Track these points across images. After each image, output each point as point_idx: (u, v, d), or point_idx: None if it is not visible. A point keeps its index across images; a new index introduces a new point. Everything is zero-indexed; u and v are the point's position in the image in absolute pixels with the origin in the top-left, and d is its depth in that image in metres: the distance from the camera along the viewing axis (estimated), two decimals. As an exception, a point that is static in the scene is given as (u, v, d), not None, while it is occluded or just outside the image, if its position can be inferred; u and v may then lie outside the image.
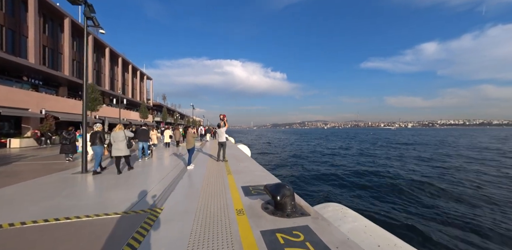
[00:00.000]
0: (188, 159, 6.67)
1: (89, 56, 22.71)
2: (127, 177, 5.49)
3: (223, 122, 7.89)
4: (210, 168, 6.62)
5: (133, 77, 40.33)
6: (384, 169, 14.02)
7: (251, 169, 6.44)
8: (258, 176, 5.54)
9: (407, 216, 6.74)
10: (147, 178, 5.44)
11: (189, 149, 6.67)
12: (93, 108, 15.82)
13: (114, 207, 3.36)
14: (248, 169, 6.51)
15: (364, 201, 8.21)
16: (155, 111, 49.32)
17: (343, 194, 9.14)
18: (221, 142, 7.76)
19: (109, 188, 4.50)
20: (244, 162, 7.84)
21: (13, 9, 17.24)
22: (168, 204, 3.52)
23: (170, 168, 6.69)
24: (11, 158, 9.05)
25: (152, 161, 8.19)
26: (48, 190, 4.33)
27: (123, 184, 4.84)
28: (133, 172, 6.17)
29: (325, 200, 7.67)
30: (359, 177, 11.97)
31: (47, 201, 3.67)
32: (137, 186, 4.64)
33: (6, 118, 16.56)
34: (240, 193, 4.06)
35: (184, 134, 6.23)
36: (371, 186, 10.09)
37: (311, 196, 8.88)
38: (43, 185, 4.69)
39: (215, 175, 5.68)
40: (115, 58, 33.60)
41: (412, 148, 27.91)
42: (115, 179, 5.27)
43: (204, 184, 4.76)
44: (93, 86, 16.12)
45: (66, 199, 3.78)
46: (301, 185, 10.48)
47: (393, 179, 11.23)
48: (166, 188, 4.44)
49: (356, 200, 8.30)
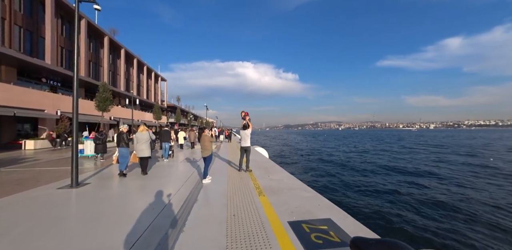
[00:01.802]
0: (204, 170, 5.14)
1: (81, 42, 22.43)
2: (120, 202, 4.07)
3: (245, 122, 6.27)
4: (232, 183, 5.04)
5: (148, 78, 40.57)
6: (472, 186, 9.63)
7: (289, 185, 4.76)
8: (306, 199, 3.85)
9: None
10: (148, 200, 3.98)
11: (205, 157, 5.14)
12: (104, 109, 15.09)
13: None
14: (284, 184, 4.84)
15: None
16: (169, 112, 49.50)
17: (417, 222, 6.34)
18: (244, 147, 6.18)
19: (84, 222, 3.06)
20: (274, 173, 6.19)
21: (31, 10, 17.25)
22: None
23: (181, 180, 5.22)
24: (14, 162, 8.21)
25: (165, 168, 6.84)
26: (9, 218, 2.99)
27: (108, 214, 3.38)
28: (134, 188, 4.77)
29: (391, 229, 5.61)
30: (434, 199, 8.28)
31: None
32: (129, 218, 3.15)
33: (24, 119, 16.49)
34: (292, 240, 2.41)
35: (199, 137, 4.64)
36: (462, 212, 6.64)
37: (371, 217, 6.69)
38: (6, 207, 3.38)
39: (241, 195, 4.09)
40: (130, 59, 33.79)
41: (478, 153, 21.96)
42: (104, 201, 3.87)
43: (228, 215, 3.14)
44: (104, 85, 15.42)
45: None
46: (350, 203, 7.78)
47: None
48: (169, 225, 2.87)
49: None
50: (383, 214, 6.51)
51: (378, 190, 9.41)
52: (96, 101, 15.28)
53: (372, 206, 7.23)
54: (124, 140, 5.70)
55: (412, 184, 10.27)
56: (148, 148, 5.92)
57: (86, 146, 9.29)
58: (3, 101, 13.65)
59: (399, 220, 6.13)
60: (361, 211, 6.78)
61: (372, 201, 7.89)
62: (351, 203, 7.60)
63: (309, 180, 11.11)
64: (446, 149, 26.95)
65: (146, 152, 5.84)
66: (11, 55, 13.98)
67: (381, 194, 8.96)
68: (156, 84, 44.73)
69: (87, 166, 7.43)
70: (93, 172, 6.47)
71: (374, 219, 6.17)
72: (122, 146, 5.65)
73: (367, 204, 7.51)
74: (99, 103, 14.82)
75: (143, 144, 5.86)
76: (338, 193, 8.93)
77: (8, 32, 15.35)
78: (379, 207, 7.13)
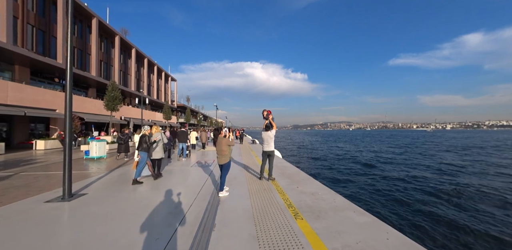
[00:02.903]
0: (221, 181, 4.17)
1: (92, 41, 22.18)
2: (112, 226, 3.18)
3: (268, 121, 5.25)
4: (255, 197, 4.04)
5: (158, 78, 40.65)
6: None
7: (330, 203, 3.68)
8: (363, 227, 2.77)
9: None
10: (151, 224, 3.06)
11: (222, 165, 4.17)
12: (113, 108, 14.63)
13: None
14: (323, 201, 3.77)
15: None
16: (179, 112, 49.56)
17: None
18: (268, 151, 5.16)
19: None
20: (302, 182, 5.13)
21: (44, 10, 17.24)
22: None
23: (192, 192, 4.30)
24: (16, 164, 7.69)
25: (175, 174, 5.98)
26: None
27: (92, 246, 2.48)
28: (136, 202, 3.89)
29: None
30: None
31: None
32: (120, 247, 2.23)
33: (37, 119, 16.48)
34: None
35: (215, 139, 3.62)
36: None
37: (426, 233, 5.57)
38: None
39: (271, 218, 3.07)
40: (141, 59, 33.84)
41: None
42: (92, 223, 2.99)
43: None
44: (113, 83, 14.97)
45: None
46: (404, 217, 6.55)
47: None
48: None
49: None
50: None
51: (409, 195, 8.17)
52: (105, 101, 14.86)
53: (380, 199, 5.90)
54: (147, 143, 5.24)
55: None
56: (161, 149, 5.70)
57: (92, 147, 8.66)
58: (15, 101, 13.54)
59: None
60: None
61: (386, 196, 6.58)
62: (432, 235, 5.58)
63: (347, 193, 9.20)
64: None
65: (158, 153, 5.61)
66: (24, 55, 13.87)
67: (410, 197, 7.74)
68: (166, 84, 44.85)
69: (92, 170, 6.73)
70: (98, 176, 5.72)
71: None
72: (141, 150, 5.17)
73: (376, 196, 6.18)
74: (107, 102, 14.37)
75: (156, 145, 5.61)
76: (399, 216, 6.65)
77: (21, 31, 15.32)
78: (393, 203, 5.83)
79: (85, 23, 21.44)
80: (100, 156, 8.88)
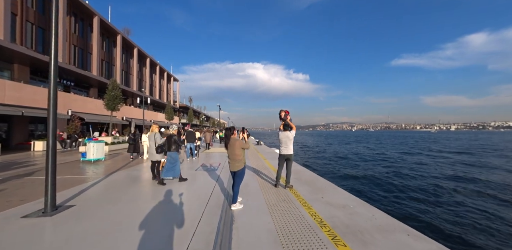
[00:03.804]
0: (234, 192, 3.47)
1: (93, 40, 21.77)
2: (101, 236, 2.51)
3: (285, 122, 4.58)
4: (276, 211, 3.34)
5: (160, 78, 40.27)
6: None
7: (371, 219, 2.97)
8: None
9: None
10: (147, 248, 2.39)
11: (235, 172, 3.48)
12: (113, 107, 14.06)
13: None
14: (360, 217, 3.06)
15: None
16: (181, 113, 49.12)
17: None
18: (287, 154, 4.47)
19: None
20: (325, 191, 4.42)
21: (44, 7, 16.83)
22: None
23: (199, 203, 3.63)
24: (8, 167, 7.10)
25: (178, 181, 5.33)
26: None
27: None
28: (132, 217, 3.22)
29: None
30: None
31: None
32: None
33: (37, 119, 16.01)
34: None
35: (226, 141, 2.84)
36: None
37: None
38: None
39: (304, 243, 2.37)
40: (143, 59, 33.46)
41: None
42: (75, 245, 2.32)
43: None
44: (114, 82, 14.41)
45: None
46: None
47: None
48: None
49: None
50: None
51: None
52: (105, 100, 14.29)
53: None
54: (177, 143, 5.21)
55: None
56: (160, 150, 5.26)
57: (89, 149, 8.05)
58: (13, 101, 13.06)
59: None
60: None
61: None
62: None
63: (375, 200, 7.81)
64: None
65: (157, 156, 5.21)
66: (23, 53, 13.42)
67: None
68: (168, 85, 44.46)
69: (87, 174, 6.11)
70: (92, 182, 5.10)
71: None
72: (173, 150, 5.17)
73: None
74: (108, 102, 13.79)
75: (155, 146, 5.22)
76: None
77: (19, 29, 14.90)
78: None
79: (86, 21, 21.04)
80: (98, 158, 8.26)
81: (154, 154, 5.18)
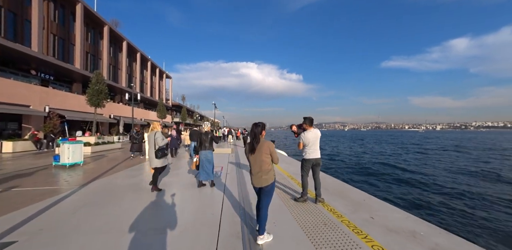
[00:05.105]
0: (260, 218, 2.31)
1: (76, 30, 19.92)
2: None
3: (305, 121, 3.60)
4: (319, 242, 2.29)
5: (152, 75, 38.21)
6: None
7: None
8: None
9: None
10: None
11: (263, 189, 2.37)
12: (97, 103, 12.42)
13: None
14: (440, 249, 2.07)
15: None
16: (174, 111, 47.17)
17: None
18: (315, 159, 3.46)
19: None
20: (366, 206, 3.42)
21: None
22: None
23: (208, 233, 2.52)
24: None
25: (177, 188, 4.15)
26: None
27: None
28: None
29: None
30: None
31: None
32: None
33: (9, 117, 14.11)
34: None
35: (254, 142, 1.66)
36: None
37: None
38: None
39: None
40: (133, 53, 31.42)
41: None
42: None
43: None
44: (98, 75, 12.75)
45: None
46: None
47: None
48: None
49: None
50: None
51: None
52: (87, 95, 12.60)
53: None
54: (214, 140, 4.60)
55: None
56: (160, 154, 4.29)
57: (63, 151, 6.63)
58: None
59: None
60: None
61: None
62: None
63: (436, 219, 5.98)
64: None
65: (158, 162, 4.21)
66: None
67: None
68: (160, 82, 42.41)
69: (57, 184, 4.79)
70: (60, 195, 3.84)
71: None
72: (205, 148, 4.47)
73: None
74: (91, 96, 12.13)
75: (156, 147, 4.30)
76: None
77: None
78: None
79: (68, 9, 19.07)
80: (74, 163, 6.87)
81: (153, 158, 4.14)
